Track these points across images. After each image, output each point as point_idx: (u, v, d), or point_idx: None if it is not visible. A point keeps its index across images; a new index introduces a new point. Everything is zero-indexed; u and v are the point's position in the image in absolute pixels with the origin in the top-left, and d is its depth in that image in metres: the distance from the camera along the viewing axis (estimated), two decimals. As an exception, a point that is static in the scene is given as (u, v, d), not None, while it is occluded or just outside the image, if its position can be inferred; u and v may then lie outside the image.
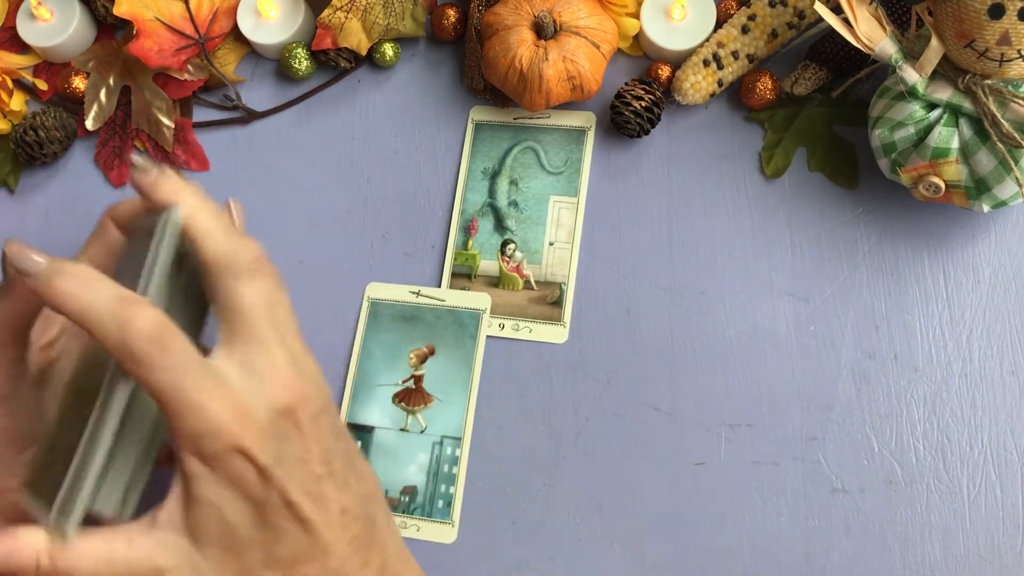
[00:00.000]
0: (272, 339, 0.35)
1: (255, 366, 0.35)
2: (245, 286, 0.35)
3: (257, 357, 0.35)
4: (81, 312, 0.32)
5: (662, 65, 0.58)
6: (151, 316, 0.32)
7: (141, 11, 0.61)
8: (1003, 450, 0.50)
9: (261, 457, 0.34)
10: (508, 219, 0.58)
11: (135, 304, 0.33)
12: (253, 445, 0.33)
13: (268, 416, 0.34)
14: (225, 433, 0.33)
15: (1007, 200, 0.49)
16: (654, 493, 0.52)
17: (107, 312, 0.32)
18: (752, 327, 0.54)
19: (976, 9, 0.44)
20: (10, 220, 0.63)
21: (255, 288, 0.36)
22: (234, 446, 0.33)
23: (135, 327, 0.32)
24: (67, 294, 0.33)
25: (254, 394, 0.34)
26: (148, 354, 0.32)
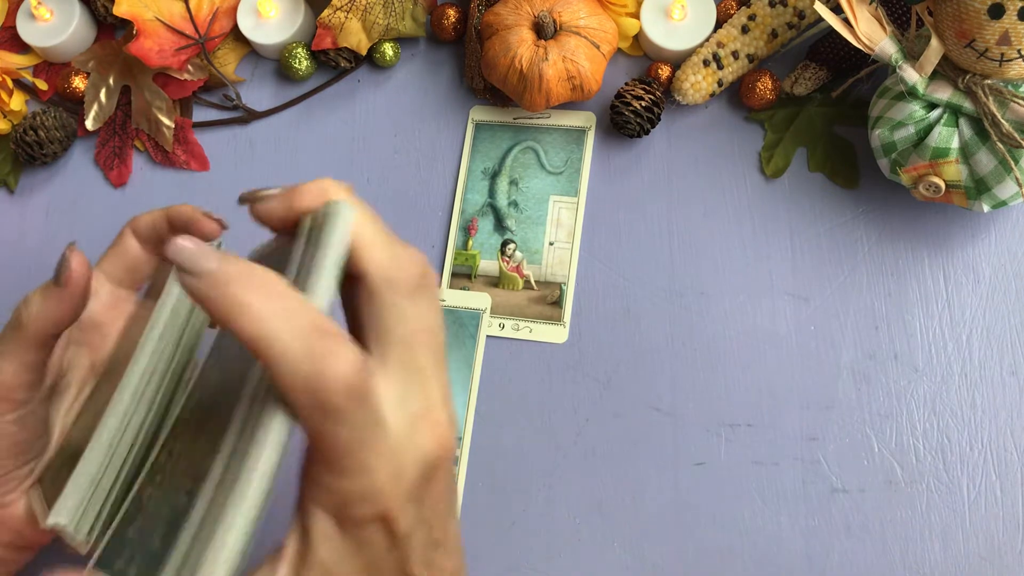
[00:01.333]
0: (431, 374, 0.30)
1: (411, 405, 0.29)
2: (410, 307, 0.30)
3: (415, 394, 0.29)
4: (263, 337, 0.26)
5: (662, 65, 0.58)
6: (352, 359, 0.27)
7: (141, 11, 0.61)
8: (1003, 450, 0.50)
9: (401, 525, 0.29)
10: (508, 219, 0.58)
11: (334, 341, 0.27)
12: (398, 512, 0.29)
13: (416, 475, 0.29)
14: (378, 498, 0.28)
15: (1007, 200, 0.49)
16: (654, 493, 0.52)
17: (298, 346, 0.26)
18: (752, 327, 0.54)
19: (976, 9, 0.44)
20: (10, 220, 0.63)
21: (420, 310, 0.30)
22: (381, 514, 0.28)
23: (333, 373, 0.26)
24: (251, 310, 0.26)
25: (407, 445, 0.29)
26: (343, 408, 0.26)
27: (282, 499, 0.30)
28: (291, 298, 0.27)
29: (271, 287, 0.27)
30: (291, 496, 0.30)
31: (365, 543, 0.29)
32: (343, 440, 0.27)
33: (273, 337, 0.26)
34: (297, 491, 0.29)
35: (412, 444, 0.29)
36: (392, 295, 0.30)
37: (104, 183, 0.63)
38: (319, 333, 0.26)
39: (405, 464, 0.28)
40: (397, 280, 0.30)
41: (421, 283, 0.30)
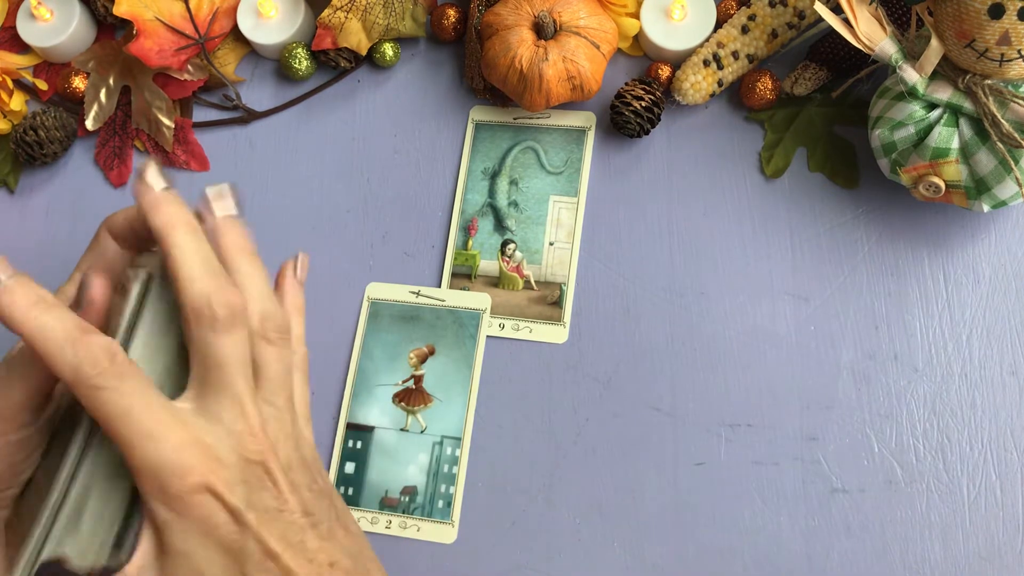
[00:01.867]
0: (244, 393, 0.34)
1: (221, 417, 0.33)
2: (217, 337, 0.34)
3: (225, 409, 0.33)
4: (36, 331, 0.31)
5: (662, 65, 0.58)
6: (106, 341, 0.32)
7: (141, 11, 0.61)
8: (1003, 450, 0.50)
9: (232, 498, 0.32)
10: (508, 219, 0.58)
11: (93, 332, 0.32)
12: (221, 485, 0.31)
13: (236, 460, 0.32)
14: (190, 470, 0.31)
15: (1007, 200, 0.49)
16: (654, 493, 0.52)
17: (63, 333, 0.31)
18: (752, 327, 0.54)
19: (976, 9, 0.44)
20: (10, 220, 0.63)
21: (228, 340, 0.34)
22: (201, 484, 0.31)
23: (88, 348, 0.31)
24: (25, 313, 0.32)
25: (219, 438, 0.33)
26: (100, 376, 0.31)
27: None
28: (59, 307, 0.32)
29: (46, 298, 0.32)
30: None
31: (206, 521, 0.31)
32: (117, 408, 0.31)
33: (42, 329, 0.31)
34: None
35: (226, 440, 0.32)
36: (199, 327, 0.34)
37: (104, 183, 0.63)
38: (80, 329, 0.32)
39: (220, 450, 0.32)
40: (204, 314, 0.34)
41: (230, 319, 0.34)
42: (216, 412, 0.33)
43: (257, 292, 0.37)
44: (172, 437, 0.31)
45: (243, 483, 0.32)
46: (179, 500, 0.31)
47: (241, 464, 0.33)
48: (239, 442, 0.33)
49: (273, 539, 0.32)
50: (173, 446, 0.31)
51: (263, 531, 0.32)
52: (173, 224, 0.35)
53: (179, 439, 0.31)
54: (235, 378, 0.34)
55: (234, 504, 0.32)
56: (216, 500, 0.31)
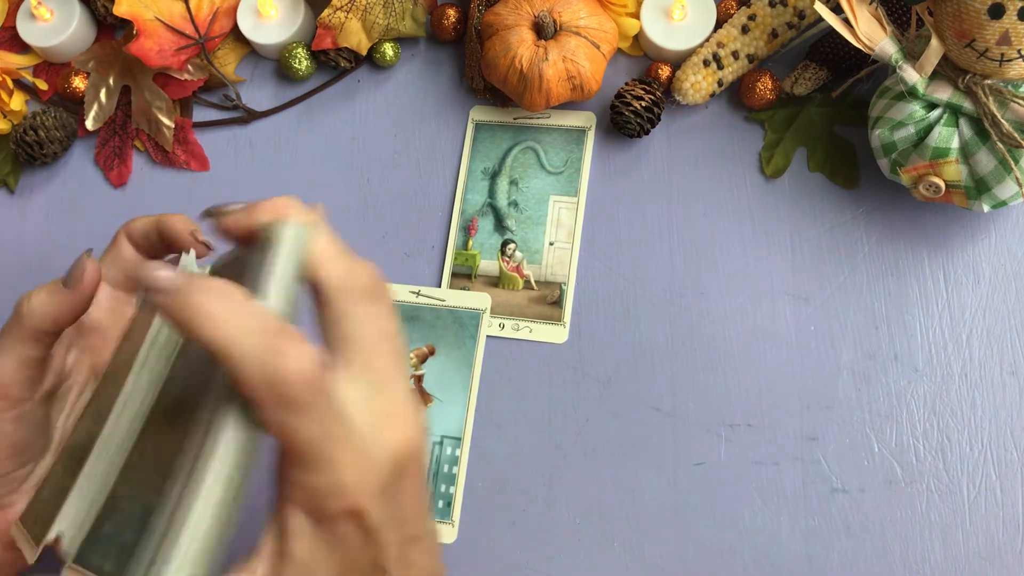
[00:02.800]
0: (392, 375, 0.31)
1: (375, 405, 0.30)
2: (364, 312, 0.31)
3: (378, 394, 0.31)
4: (221, 340, 0.27)
5: (662, 65, 0.58)
6: (307, 355, 0.28)
7: (141, 11, 0.61)
8: (1003, 450, 0.50)
9: (373, 520, 0.30)
10: (508, 219, 0.58)
11: (288, 338, 0.28)
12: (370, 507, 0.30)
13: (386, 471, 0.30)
14: (349, 493, 0.29)
15: (1007, 200, 0.49)
16: (654, 493, 0.52)
17: (254, 345, 0.27)
18: (752, 327, 0.54)
19: (976, 9, 0.44)
20: (10, 220, 0.63)
21: (375, 316, 0.31)
22: (352, 508, 0.29)
23: (288, 368, 0.27)
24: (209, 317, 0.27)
25: (374, 441, 0.30)
26: (300, 402, 0.28)
27: (263, 503, 0.31)
28: (245, 303, 0.28)
29: (226, 294, 0.28)
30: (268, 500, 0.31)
31: (340, 538, 0.30)
32: (306, 434, 0.28)
33: (231, 340, 0.27)
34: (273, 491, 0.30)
35: (379, 441, 0.30)
36: (346, 303, 0.31)
37: (104, 183, 0.63)
38: (274, 333, 0.28)
39: (373, 460, 0.29)
40: (350, 289, 0.31)
41: (374, 291, 0.32)
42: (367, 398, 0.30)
43: None
44: (345, 459, 0.29)
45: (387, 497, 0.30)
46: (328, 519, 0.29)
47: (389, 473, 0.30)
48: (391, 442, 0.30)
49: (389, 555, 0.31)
50: (342, 467, 0.29)
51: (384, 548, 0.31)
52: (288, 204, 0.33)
53: (350, 461, 0.29)
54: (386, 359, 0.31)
55: (373, 526, 0.30)
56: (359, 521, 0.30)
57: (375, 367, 0.31)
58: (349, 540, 0.30)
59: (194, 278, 0.28)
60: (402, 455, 0.30)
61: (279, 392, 0.27)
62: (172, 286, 0.28)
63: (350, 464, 0.29)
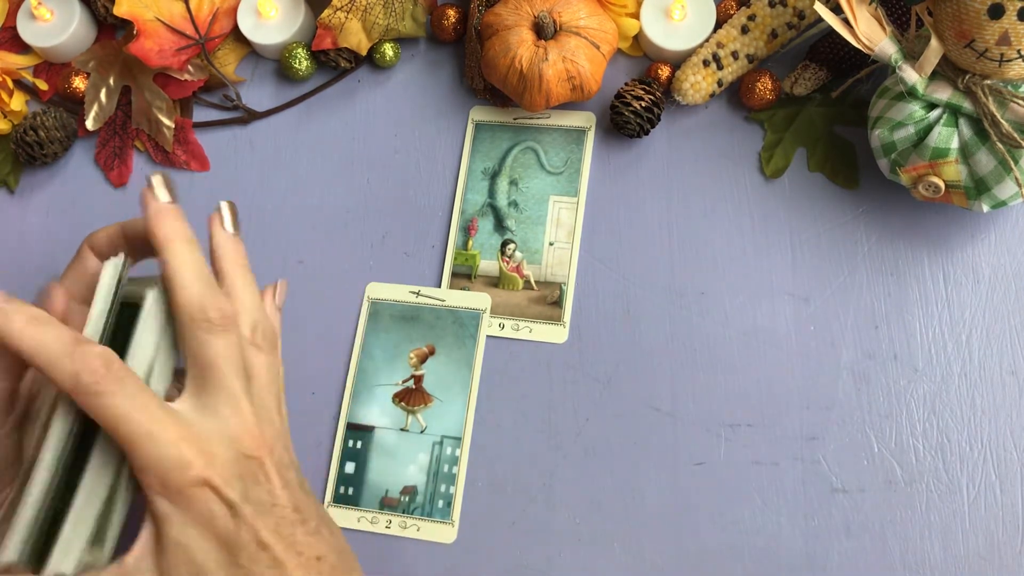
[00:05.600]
0: (239, 391, 0.36)
1: (218, 413, 0.35)
2: (212, 339, 0.36)
3: (221, 405, 0.35)
4: (34, 348, 0.33)
5: (662, 65, 0.58)
6: (101, 352, 0.33)
7: (141, 11, 0.61)
8: (1003, 450, 0.50)
9: (229, 492, 0.34)
10: (508, 219, 0.58)
11: (88, 342, 0.34)
12: (219, 479, 0.33)
13: (233, 455, 0.34)
14: (189, 465, 0.33)
15: (1007, 200, 0.49)
16: (654, 493, 0.52)
17: (59, 347, 0.33)
18: (752, 327, 0.54)
19: (976, 9, 0.44)
20: (10, 220, 0.63)
21: (222, 342, 0.36)
22: (200, 478, 0.33)
23: (86, 359, 0.33)
24: (22, 331, 0.33)
25: (216, 433, 0.35)
26: (98, 383, 0.32)
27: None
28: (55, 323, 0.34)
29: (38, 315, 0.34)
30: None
31: (204, 514, 0.33)
32: (118, 411, 0.32)
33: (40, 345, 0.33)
34: None
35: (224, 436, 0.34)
36: (193, 329, 0.36)
37: (104, 183, 0.63)
38: (75, 341, 0.33)
39: (216, 445, 0.34)
40: (197, 318, 0.36)
41: (223, 323, 0.36)
42: (213, 409, 0.35)
43: (249, 303, 0.39)
44: (171, 434, 0.33)
45: (239, 478, 0.34)
46: (179, 493, 0.33)
47: (238, 459, 0.34)
48: (236, 438, 0.35)
49: (266, 531, 0.34)
50: (172, 442, 0.33)
51: (257, 523, 0.34)
52: (173, 236, 0.37)
53: (177, 435, 0.33)
54: (230, 377, 0.36)
55: (231, 497, 0.33)
56: (214, 493, 0.33)
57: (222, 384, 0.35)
58: (215, 515, 0.33)
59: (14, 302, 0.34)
60: (249, 449, 0.35)
61: (80, 381, 0.32)
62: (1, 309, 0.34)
63: (182, 439, 0.33)
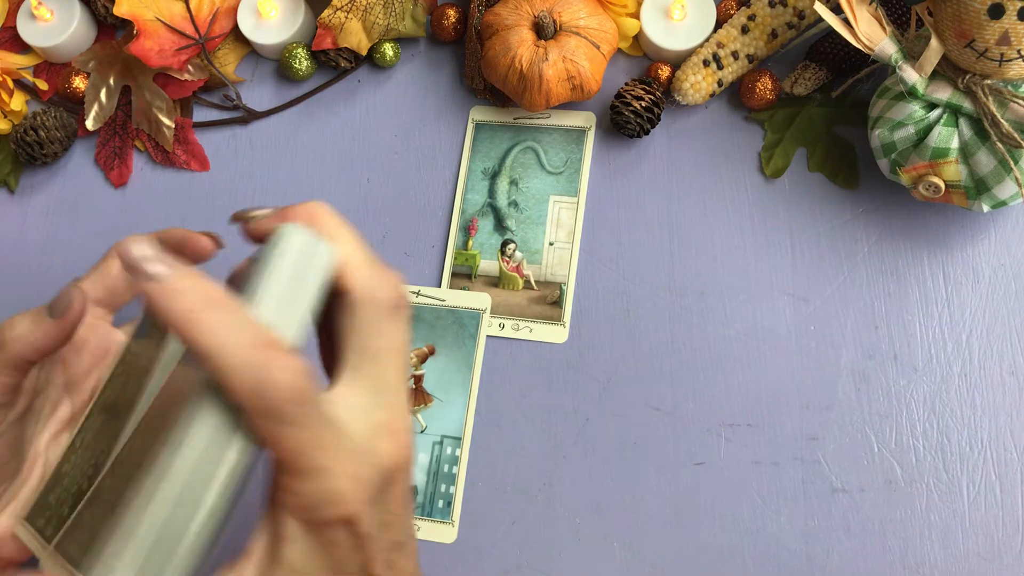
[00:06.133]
0: (397, 388, 0.33)
1: (373, 414, 0.31)
2: (387, 324, 0.32)
3: (378, 405, 0.32)
4: (212, 348, 0.28)
5: (662, 65, 0.58)
6: (293, 366, 0.28)
7: (141, 11, 0.61)
8: (1003, 450, 0.50)
9: (364, 526, 0.31)
10: (508, 219, 0.58)
11: (276, 351, 0.28)
12: (361, 514, 0.30)
13: (377, 480, 0.31)
14: (342, 501, 0.30)
15: (1007, 200, 0.49)
16: (654, 493, 0.52)
17: (244, 356, 0.28)
18: (752, 327, 0.54)
19: (976, 9, 0.44)
20: (10, 220, 0.63)
21: (395, 329, 0.33)
22: (345, 516, 0.30)
23: (275, 378, 0.28)
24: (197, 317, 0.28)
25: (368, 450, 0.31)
26: (286, 412, 0.28)
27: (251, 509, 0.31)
28: (237, 313, 0.29)
29: (219, 301, 0.28)
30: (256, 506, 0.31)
31: (331, 544, 0.30)
32: (295, 442, 0.29)
33: (222, 349, 0.28)
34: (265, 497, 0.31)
35: (373, 450, 0.31)
36: (372, 312, 0.32)
37: (104, 183, 0.63)
38: (263, 345, 0.28)
39: (366, 468, 0.30)
40: (378, 299, 0.32)
41: (398, 304, 0.33)
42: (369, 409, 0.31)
43: None
44: (337, 468, 0.30)
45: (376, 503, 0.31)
46: (321, 526, 0.30)
47: (381, 480, 0.31)
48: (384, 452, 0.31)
49: (378, 561, 0.32)
50: (339, 477, 0.30)
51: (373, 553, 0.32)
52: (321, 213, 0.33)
53: (341, 468, 0.30)
54: (395, 373, 0.32)
55: (363, 532, 0.31)
56: (350, 528, 0.31)
57: (382, 379, 0.32)
58: (340, 546, 0.31)
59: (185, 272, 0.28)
60: (391, 465, 0.31)
61: (266, 402, 0.28)
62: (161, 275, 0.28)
63: (343, 473, 0.30)
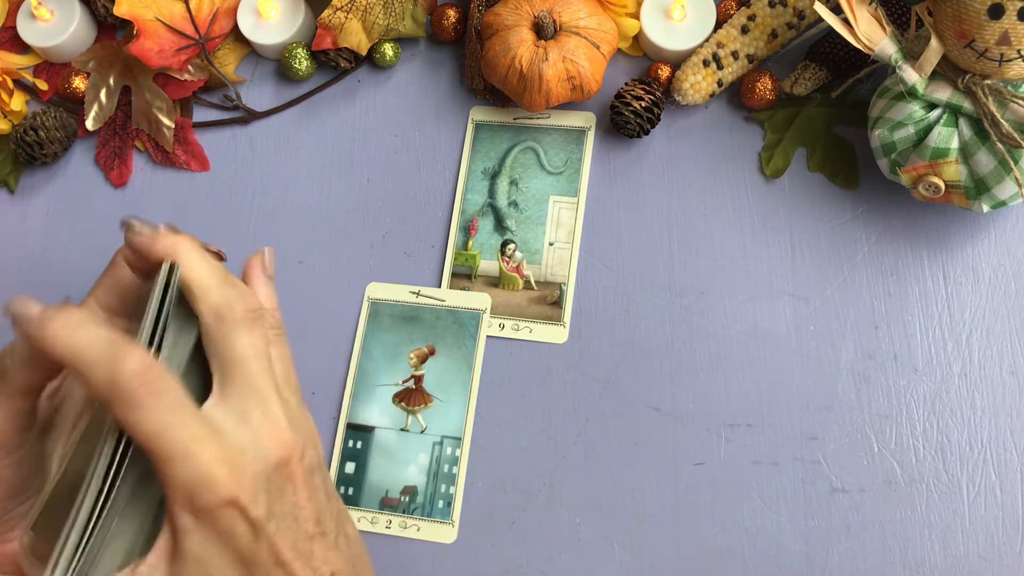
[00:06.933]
0: (268, 389, 0.35)
1: (249, 416, 0.34)
2: (240, 336, 0.35)
3: (252, 408, 0.34)
4: (71, 352, 0.31)
5: (662, 65, 0.58)
6: (141, 357, 0.31)
7: (141, 11, 0.61)
8: (1003, 450, 0.50)
9: (254, 510, 0.32)
10: (508, 219, 0.58)
11: (125, 345, 0.32)
12: (247, 498, 0.32)
13: (262, 468, 0.33)
14: (220, 484, 0.31)
15: (1007, 200, 0.49)
16: (654, 493, 0.52)
17: (96, 352, 0.31)
18: (752, 327, 0.54)
19: (976, 9, 0.44)
20: (10, 220, 0.63)
21: (250, 338, 0.35)
22: (228, 498, 0.32)
23: (124, 366, 0.31)
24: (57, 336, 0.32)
25: (248, 445, 0.33)
26: (135, 393, 0.31)
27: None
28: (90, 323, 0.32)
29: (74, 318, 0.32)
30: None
31: (226, 532, 0.32)
32: (154, 426, 0.31)
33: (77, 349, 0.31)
34: None
35: (255, 444, 0.33)
36: (226, 327, 0.35)
37: (104, 183, 0.63)
38: (112, 343, 0.32)
39: (248, 460, 0.33)
40: (228, 314, 0.35)
41: (251, 317, 0.35)
42: (244, 413, 0.34)
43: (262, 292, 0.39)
44: (206, 453, 0.32)
45: (266, 491, 0.33)
46: (205, 511, 0.31)
47: (267, 472, 0.33)
48: (267, 447, 0.33)
49: (285, 548, 0.33)
50: (208, 461, 0.31)
51: (278, 540, 0.33)
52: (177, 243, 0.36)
53: (213, 454, 0.32)
54: (259, 375, 0.35)
55: (256, 516, 0.32)
56: (240, 512, 0.32)
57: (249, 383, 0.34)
58: (237, 534, 0.32)
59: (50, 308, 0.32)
60: (276, 457, 0.33)
61: (115, 391, 0.31)
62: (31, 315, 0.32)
63: (214, 458, 0.32)
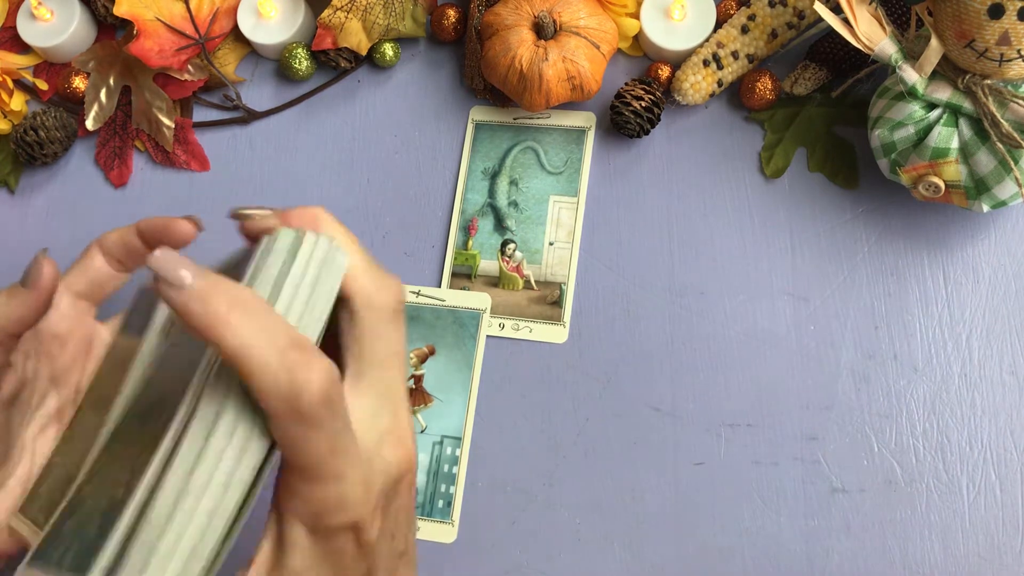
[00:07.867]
0: (400, 394, 0.32)
1: (380, 421, 0.31)
2: (389, 332, 0.32)
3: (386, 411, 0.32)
4: (241, 348, 0.27)
5: (662, 65, 0.58)
6: (325, 370, 0.28)
7: (141, 11, 0.61)
8: (1003, 450, 0.50)
9: (368, 533, 0.31)
10: (508, 219, 0.58)
11: (310, 353, 0.28)
12: (367, 520, 0.30)
13: (383, 487, 0.31)
14: (351, 508, 0.29)
15: (1007, 200, 0.49)
16: (654, 493, 0.52)
17: (277, 359, 0.27)
18: (752, 327, 0.54)
19: (976, 9, 0.44)
20: (10, 220, 0.63)
21: (396, 334, 0.32)
22: (353, 521, 0.30)
23: (309, 381, 0.27)
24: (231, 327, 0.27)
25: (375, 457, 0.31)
26: (318, 416, 0.27)
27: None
28: (268, 314, 0.28)
29: (250, 303, 0.28)
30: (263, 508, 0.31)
31: (336, 552, 0.30)
32: (317, 448, 0.28)
33: (253, 351, 0.27)
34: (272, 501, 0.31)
35: (380, 457, 0.31)
36: (374, 318, 0.32)
37: (104, 183, 0.63)
38: (295, 347, 0.27)
39: (374, 475, 0.30)
40: (379, 304, 0.32)
41: (398, 309, 0.33)
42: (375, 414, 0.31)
43: None
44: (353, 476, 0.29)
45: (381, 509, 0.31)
46: (325, 531, 0.30)
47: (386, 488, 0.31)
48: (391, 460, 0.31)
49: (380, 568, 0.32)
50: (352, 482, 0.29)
51: (377, 559, 0.32)
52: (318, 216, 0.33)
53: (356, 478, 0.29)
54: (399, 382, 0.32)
55: (368, 539, 0.31)
56: (355, 535, 0.30)
57: (387, 385, 0.32)
58: (345, 554, 0.30)
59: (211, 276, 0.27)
60: (396, 472, 0.31)
61: (296, 406, 0.27)
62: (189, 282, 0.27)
63: (356, 479, 0.29)
